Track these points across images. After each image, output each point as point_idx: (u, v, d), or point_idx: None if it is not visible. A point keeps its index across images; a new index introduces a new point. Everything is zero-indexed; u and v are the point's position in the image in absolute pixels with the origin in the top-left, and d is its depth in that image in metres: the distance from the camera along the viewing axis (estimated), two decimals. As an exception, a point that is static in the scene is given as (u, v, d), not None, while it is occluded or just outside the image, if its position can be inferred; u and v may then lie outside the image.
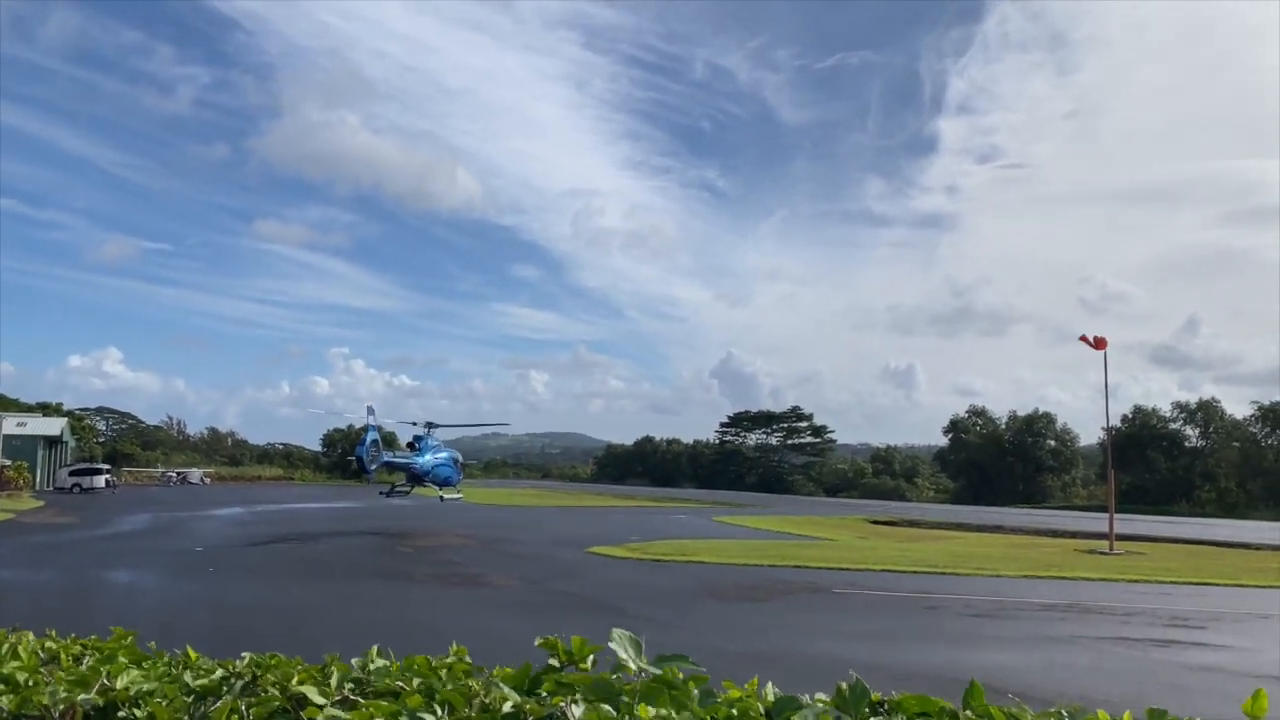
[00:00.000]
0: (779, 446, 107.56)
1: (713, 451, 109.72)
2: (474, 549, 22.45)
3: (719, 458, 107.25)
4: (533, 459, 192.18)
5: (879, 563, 20.56)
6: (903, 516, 45.78)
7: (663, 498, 62.89)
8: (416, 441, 29.59)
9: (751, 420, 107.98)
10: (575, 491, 72.11)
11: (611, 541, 24.39)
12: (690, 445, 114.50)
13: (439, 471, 29.78)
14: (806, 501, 69.96)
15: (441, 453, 30.05)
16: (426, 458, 29.34)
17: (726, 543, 25.38)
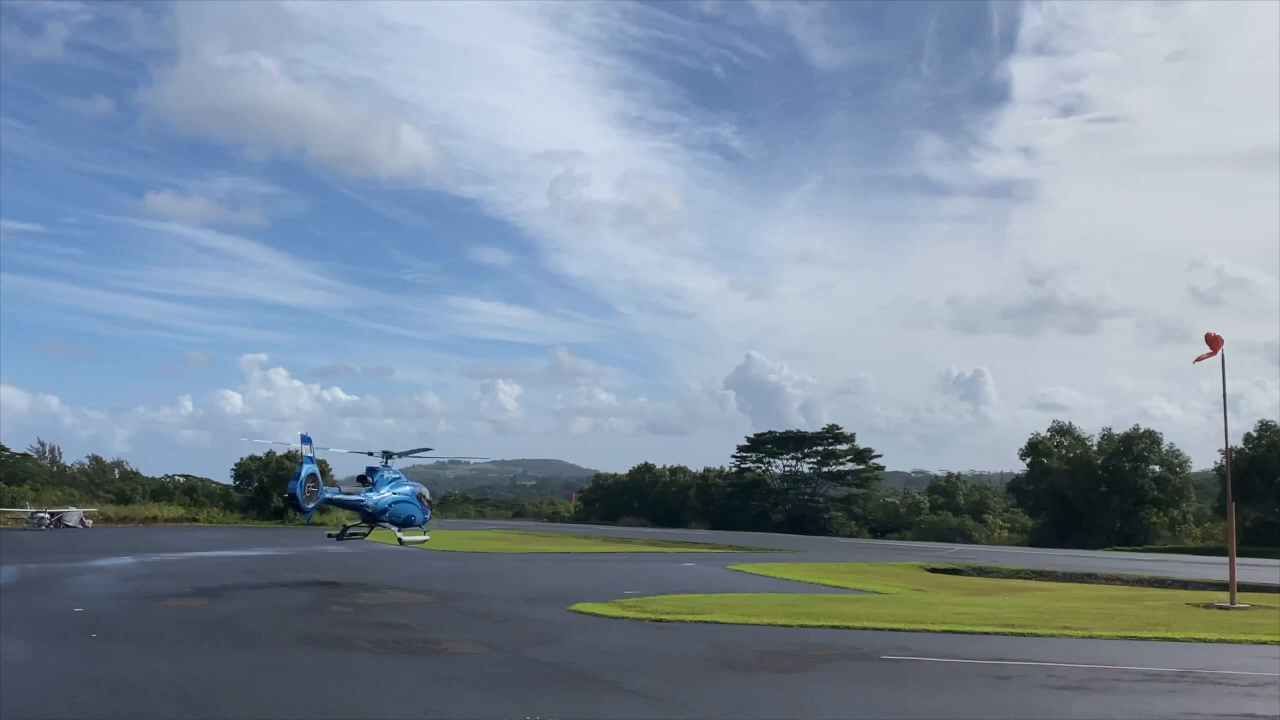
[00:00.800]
0: (812, 476, 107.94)
1: (728, 483, 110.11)
2: (428, 607, 22.45)
3: (736, 490, 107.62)
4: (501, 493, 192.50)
5: (940, 622, 20.61)
6: (969, 562, 45.91)
7: (665, 541, 62.92)
8: (370, 474, 29.75)
9: (777, 443, 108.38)
10: (555, 534, 72.05)
11: (601, 597, 24.42)
12: (700, 475, 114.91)
13: (398, 509, 30.04)
14: (847, 545, 70.05)
15: (402, 486, 30.35)
16: (383, 493, 29.57)
17: (746, 598, 25.43)
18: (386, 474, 30.13)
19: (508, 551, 48.16)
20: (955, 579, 37.74)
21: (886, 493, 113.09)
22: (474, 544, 51.75)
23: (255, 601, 23.15)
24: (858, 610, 22.61)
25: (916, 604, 25.02)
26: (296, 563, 35.86)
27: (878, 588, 30.70)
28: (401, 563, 37.58)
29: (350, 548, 43.78)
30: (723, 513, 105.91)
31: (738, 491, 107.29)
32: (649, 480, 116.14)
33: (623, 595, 25.06)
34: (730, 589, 28.68)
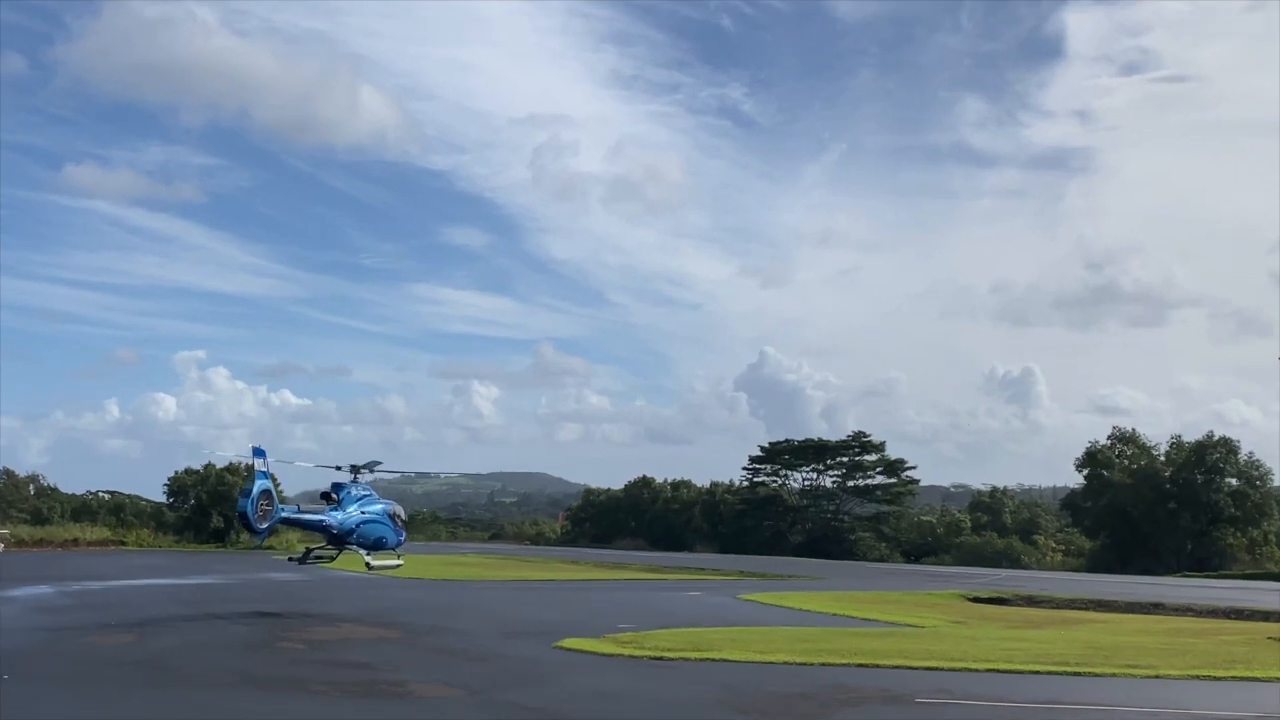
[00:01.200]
0: (836, 491, 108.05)
1: (739, 499, 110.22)
2: (392, 643, 22.46)
3: (748, 508, 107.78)
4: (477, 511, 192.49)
5: (983, 660, 20.66)
6: (1017, 590, 46.01)
7: (666, 567, 62.98)
8: (335, 491, 30.28)
9: (795, 453, 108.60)
10: (539, 558, 72.07)
11: (592, 631, 24.46)
12: (706, 490, 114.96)
13: (367, 530, 30.58)
14: (876, 570, 70.16)
15: (373, 504, 30.93)
16: (350, 511, 30.07)
17: (760, 632, 25.49)
18: (354, 490, 30.54)
19: (485, 579, 48.16)
20: (1001, 610, 37.79)
21: (921, 510, 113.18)
22: (445, 570, 51.75)
23: (192, 637, 23.14)
24: (888, 646, 22.65)
25: (956, 639, 25.07)
26: (240, 592, 35.82)
27: (912, 620, 30.77)
28: (362, 592, 37.55)
29: (303, 575, 43.77)
30: (732, 534, 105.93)
31: (750, 509, 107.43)
32: (647, 496, 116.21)
33: (617, 629, 25.11)
34: (741, 621, 28.74)
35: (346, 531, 30.08)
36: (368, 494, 31.10)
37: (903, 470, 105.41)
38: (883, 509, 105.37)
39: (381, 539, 31.25)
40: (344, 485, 30.55)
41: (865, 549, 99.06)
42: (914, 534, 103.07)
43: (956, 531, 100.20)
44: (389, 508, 31.76)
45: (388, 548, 31.68)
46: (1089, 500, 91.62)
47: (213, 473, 75.45)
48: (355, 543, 30.48)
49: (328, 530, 30.01)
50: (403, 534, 32.28)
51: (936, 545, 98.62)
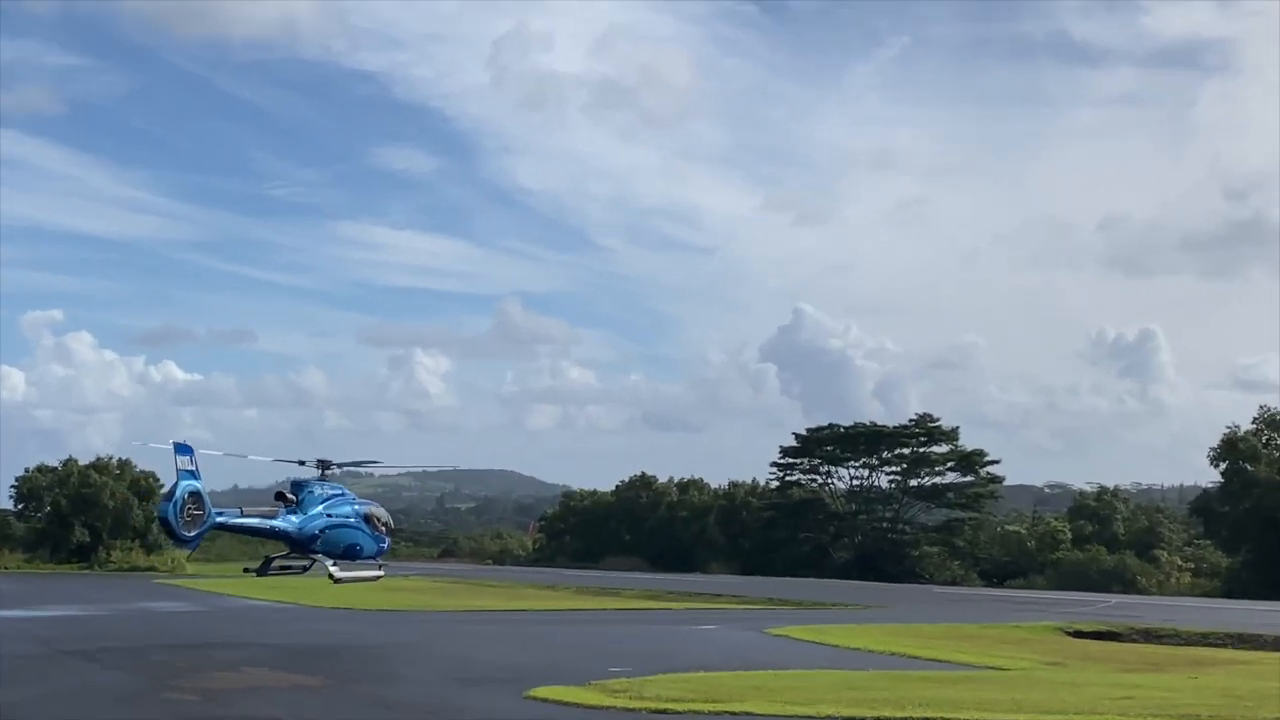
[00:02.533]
0: (893, 493, 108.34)
1: (766, 504, 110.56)
2: (313, 693, 22.54)
3: (779, 515, 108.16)
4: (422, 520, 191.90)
5: (1088, 713, 20.72)
6: (1131, 622, 46.19)
7: (671, 593, 63.19)
8: (295, 490, 32.05)
9: (841, 443, 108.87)
10: (504, 582, 72.16)
11: (574, 676, 24.53)
12: (724, 493, 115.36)
13: (335, 536, 32.34)
14: (947, 596, 70.41)
15: (341, 506, 32.73)
16: (314, 511, 31.79)
17: (794, 678, 25.59)
18: (319, 490, 32.29)
19: (433, 609, 48.19)
20: (1111, 647, 37.92)
21: (1006, 518, 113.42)
22: (381, 598, 51.87)
23: (49, 685, 23.20)
24: (963, 695, 22.74)
25: (1052, 686, 25.16)
26: (112, 627, 35.85)
27: (994, 661, 30.86)
28: (273, 625, 37.64)
29: (197, 604, 43.94)
30: (758, 549, 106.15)
31: (781, 517, 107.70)
32: (646, 501, 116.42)
33: (607, 674, 25.16)
34: (769, 664, 28.79)
35: (308, 538, 31.58)
36: (338, 494, 32.69)
37: (981, 465, 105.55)
38: (955, 516, 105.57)
39: (354, 546, 32.77)
40: (306, 483, 32.05)
41: (932, 568, 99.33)
42: (996, 549, 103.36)
43: (1052, 545, 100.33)
44: (364, 509, 33.33)
45: (363, 557, 33.15)
46: (1227, 504, 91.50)
47: (75, 471, 75.70)
48: (320, 550, 31.98)
49: (283, 536, 31.43)
50: (385, 541, 34.02)
51: (1026, 563, 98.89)
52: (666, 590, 64.63)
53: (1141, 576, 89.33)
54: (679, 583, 74.80)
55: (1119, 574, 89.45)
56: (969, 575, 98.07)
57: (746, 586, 71.77)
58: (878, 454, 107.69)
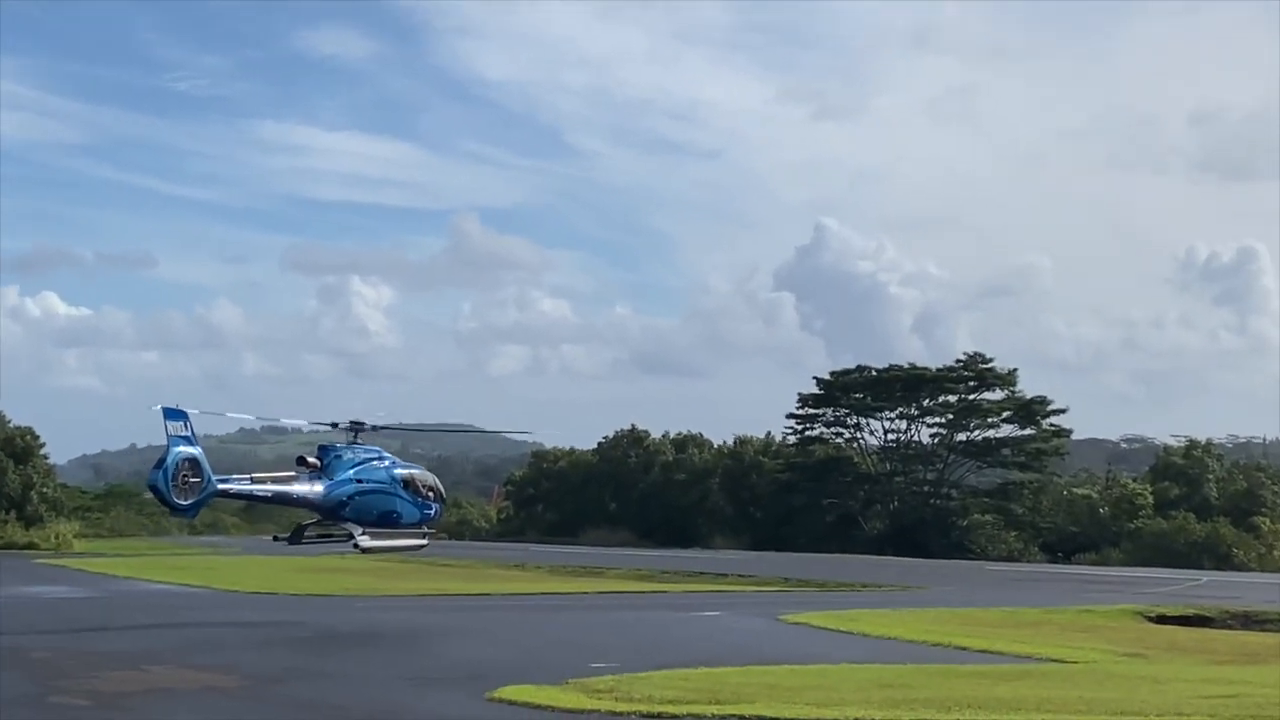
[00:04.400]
0: (937, 449, 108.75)
1: (782, 464, 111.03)
2: (230, 696, 22.62)
3: (797, 478, 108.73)
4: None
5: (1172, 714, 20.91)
6: (1227, 605, 46.48)
7: (667, 572, 63.34)
8: (321, 455, 35.28)
9: (873, 388, 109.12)
10: (463, 560, 72.14)
11: (549, 675, 24.63)
12: (731, 450, 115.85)
13: (366, 503, 35.54)
14: (1002, 574, 70.78)
15: (375, 472, 36.02)
16: (342, 477, 34.93)
17: (816, 674, 25.75)
18: (349, 454, 35.59)
19: (377, 593, 48.45)
20: (1200, 634, 38.05)
21: (1074, 479, 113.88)
22: (312, 581, 51.95)
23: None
24: (1023, 694, 22.86)
25: (1129, 682, 25.29)
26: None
27: (1059, 652, 30.99)
28: (180, 615, 37.72)
29: (86, 589, 44.01)
30: (772, 519, 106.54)
31: (800, 480, 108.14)
32: (636, 461, 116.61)
33: (588, 671, 25.30)
34: (785, 657, 28.88)
35: (335, 505, 34.82)
36: (372, 457, 36.12)
37: (1044, 416, 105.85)
38: (1012, 478, 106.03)
39: (390, 514, 36.08)
40: (334, 447, 35.40)
41: (985, 541, 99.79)
42: (1062, 517, 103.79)
43: (1130, 512, 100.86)
44: (404, 473, 36.72)
45: (403, 525, 36.67)
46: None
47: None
48: (350, 518, 35.28)
49: (306, 504, 35.01)
50: (433, 508, 37.47)
51: (1098, 535, 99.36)
52: (660, 570, 64.74)
53: (1238, 549, 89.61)
54: (675, 560, 75.06)
55: (1211, 546, 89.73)
56: (1029, 549, 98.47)
57: (758, 564, 72.01)
58: (918, 402, 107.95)
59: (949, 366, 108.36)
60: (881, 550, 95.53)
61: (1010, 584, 61.22)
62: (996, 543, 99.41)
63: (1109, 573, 74.43)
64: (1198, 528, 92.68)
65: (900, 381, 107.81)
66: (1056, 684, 24.72)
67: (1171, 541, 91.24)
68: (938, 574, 67.47)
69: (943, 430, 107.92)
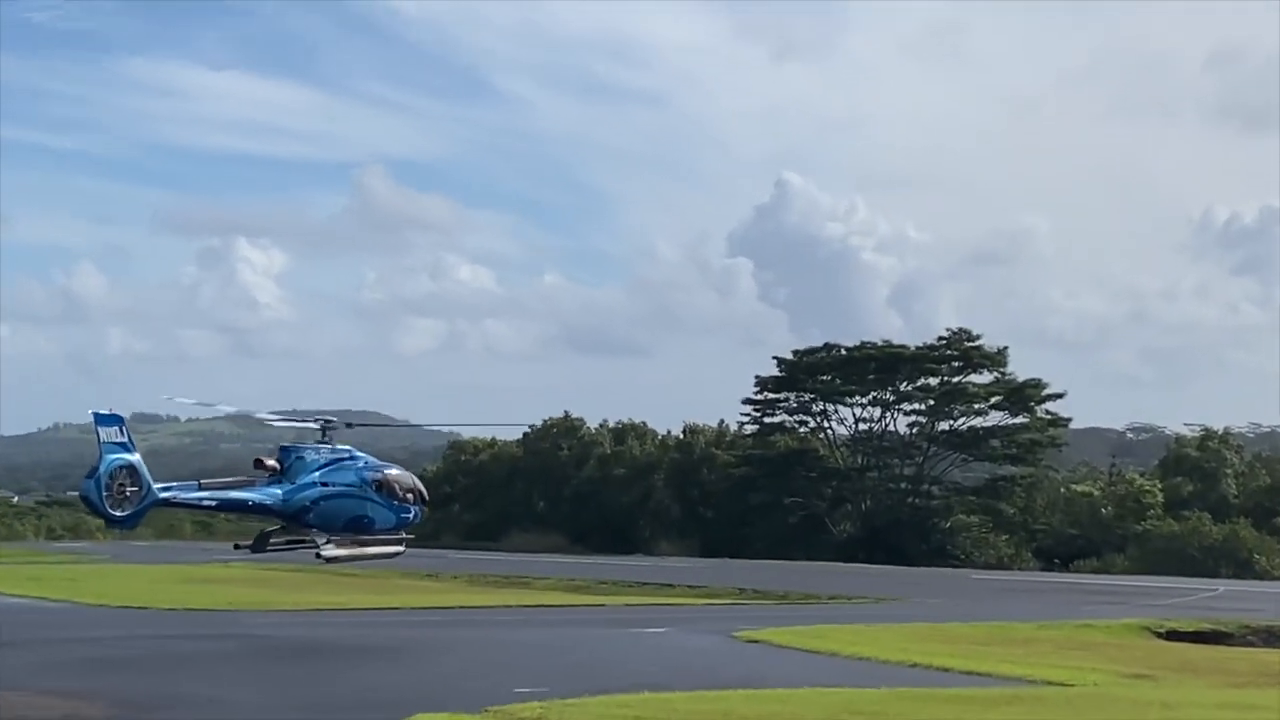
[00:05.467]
0: (916, 439, 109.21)
1: (738, 457, 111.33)
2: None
3: (756, 473, 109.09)
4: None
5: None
6: (1246, 619, 46.82)
7: (605, 583, 63.44)
8: (284, 456, 36.83)
9: (844, 369, 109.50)
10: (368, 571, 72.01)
11: (466, 702, 24.51)
12: (679, 440, 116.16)
13: (330, 508, 36.90)
14: (991, 584, 71.23)
15: (343, 473, 37.47)
16: (305, 480, 36.33)
17: (775, 699, 25.72)
18: (313, 455, 37.10)
19: (267, 607, 48.37)
20: (1218, 653, 38.32)
21: (1073, 474, 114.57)
22: (193, 593, 51.85)
23: None
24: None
25: (1135, 707, 25.38)
26: None
27: (1055, 673, 31.05)
28: (40, 632, 37.45)
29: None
30: (726, 520, 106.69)
31: (758, 475, 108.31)
32: (569, 454, 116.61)
33: (512, 696, 25.20)
34: (741, 680, 28.88)
35: (297, 511, 36.19)
36: (342, 458, 37.61)
37: (1039, 401, 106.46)
38: (1002, 473, 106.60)
39: (361, 519, 37.49)
40: (298, 448, 37.12)
41: (970, 545, 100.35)
42: (1059, 518, 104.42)
43: (1137, 512, 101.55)
44: (378, 475, 38.12)
45: (377, 531, 38.02)
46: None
47: None
48: (316, 524, 36.81)
49: (263, 511, 36.39)
50: (410, 511, 38.92)
51: (1100, 538, 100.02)
52: (597, 580, 64.96)
53: (1261, 555, 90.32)
54: (614, 569, 75.29)
55: (1229, 551, 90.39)
56: (1021, 555, 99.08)
57: (710, 573, 72.29)
58: (894, 386, 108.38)
59: (930, 345, 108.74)
60: (852, 556, 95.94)
61: (1000, 595, 61.61)
62: (984, 547, 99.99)
63: (1112, 582, 75.07)
64: (1214, 530, 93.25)
65: (874, 362, 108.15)
66: (1052, 710, 24.87)
67: (1184, 546, 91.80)
68: (916, 584, 67.84)
69: (922, 418, 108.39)
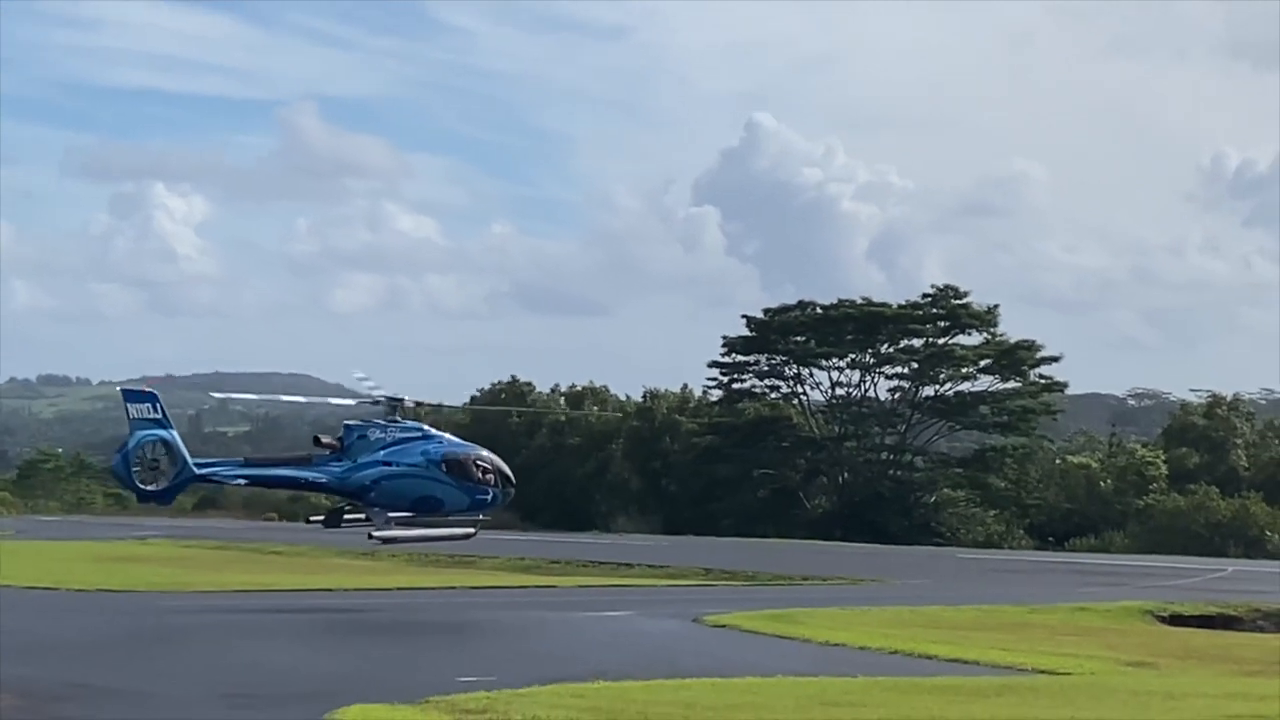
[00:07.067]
0: (898, 406, 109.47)
1: (704, 425, 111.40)
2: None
3: (722, 443, 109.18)
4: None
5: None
6: (1256, 602, 47.02)
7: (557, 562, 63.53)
8: (346, 435, 40.10)
9: (818, 330, 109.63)
10: (299, 546, 71.97)
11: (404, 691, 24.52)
12: (639, 406, 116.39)
13: (393, 488, 39.79)
14: (979, 564, 71.39)
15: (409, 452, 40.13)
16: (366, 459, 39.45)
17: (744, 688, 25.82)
18: (378, 434, 40.22)
19: (187, 588, 48.31)
20: (1225, 638, 38.46)
21: (1070, 443, 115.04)
22: (106, 572, 51.66)
23: None
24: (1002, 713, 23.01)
25: (1136, 698, 25.51)
26: None
27: (1048, 661, 31.23)
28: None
29: None
30: (690, 495, 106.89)
31: (726, 445, 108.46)
32: (519, 422, 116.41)
33: (456, 686, 25.26)
34: (706, 669, 28.87)
35: (356, 489, 39.66)
36: (412, 437, 40.56)
37: (1033, 365, 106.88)
38: (992, 443, 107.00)
39: (428, 499, 40.36)
40: (358, 426, 40.40)
41: (957, 522, 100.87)
42: (1054, 492, 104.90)
43: (1139, 486, 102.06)
44: (449, 454, 40.94)
45: (446, 511, 41.15)
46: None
47: None
48: (379, 503, 39.74)
49: (318, 488, 41.28)
50: (487, 492, 41.48)
51: (1099, 514, 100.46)
52: (548, 559, 64.97)
53: (1273, 532, 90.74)
54: (567, 547, 75.29)
55: (1239, 529, 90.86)
56: (1012, 532, 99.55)
57: (672, 552, 72.32)
58: (874, 348, 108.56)
59: (914, 303, 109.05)
60: (828, 534, 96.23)
61: (988, 576, 61.81)
62: (971, 524, 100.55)
63: (1111, 562, 75.34)
64: (1222, 505, 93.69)
65: (852, 321, 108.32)
66: (1045, 701, 24.97)
67: (1189, 522, 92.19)
68: (898, 563, 68.01)
69: (905, 383, 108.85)
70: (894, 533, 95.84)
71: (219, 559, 61.27)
